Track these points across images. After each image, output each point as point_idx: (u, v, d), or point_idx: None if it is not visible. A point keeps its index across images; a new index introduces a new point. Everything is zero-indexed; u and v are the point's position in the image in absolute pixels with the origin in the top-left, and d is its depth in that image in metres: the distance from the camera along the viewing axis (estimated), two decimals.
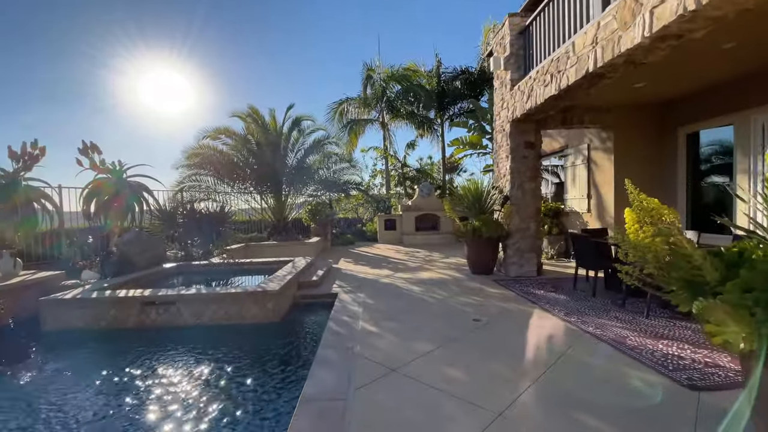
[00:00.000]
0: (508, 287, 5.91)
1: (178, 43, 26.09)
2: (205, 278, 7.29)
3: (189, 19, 31.04)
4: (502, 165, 7.05)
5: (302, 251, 10.34)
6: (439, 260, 9.12)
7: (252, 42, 40.24)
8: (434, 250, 11.29)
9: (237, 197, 11.43)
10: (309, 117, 11.33)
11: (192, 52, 34.01)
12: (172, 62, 27.46)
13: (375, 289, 6.07)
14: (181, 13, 29.76)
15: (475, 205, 6.97)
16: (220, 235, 8.76)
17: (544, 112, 6.05)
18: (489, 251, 6.87)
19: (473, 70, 17.69)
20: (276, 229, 11.13)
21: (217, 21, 34.24)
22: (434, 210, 14.13)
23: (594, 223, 7.98)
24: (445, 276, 6.98)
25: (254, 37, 41.82)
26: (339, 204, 16.05)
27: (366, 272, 7.68)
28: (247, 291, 4.88)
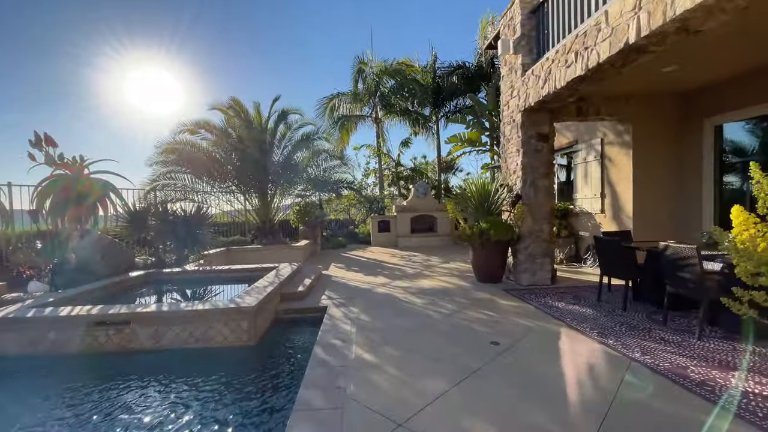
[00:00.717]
0: (523, 299, 5.19)
1: (167, 41, 25.04)
2: (177, 288, 6.44)
3: (177, 17, 29.97)
4: (512, 160, 6.34)
5: (289, 256, 9.52)
6: (439, 265, 8.38)
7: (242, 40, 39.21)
8: (432, 253, 10.56)
9: (218, 197, 10.56)
10: (296, 110, 10.53)
11: (180, 50, 32.89)
12: (159, 61, 26.35)
13: (370, 301, 5.29)
14: (170, 12, 28.67)
15: (482, 206, 6.25)
16: (197, 239, 7.89)
17: (562, 99, 5.36)
18: (498, 257, 6.15)
19: (470, 65, 17.07)
20: (261, 231, 10.29)
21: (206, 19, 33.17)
22: (430, 211, 13.43)
23: (609, 225, 7.33)
24: (448, 285, 6.24)
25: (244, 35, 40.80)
26: (330, 205, 15.23)
27: (359, 280, 6.90)
28: (218, 308, 4.06)
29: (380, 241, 13.43)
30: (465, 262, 8.62)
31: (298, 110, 10.57)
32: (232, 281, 6.81)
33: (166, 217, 7.94)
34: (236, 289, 6.45)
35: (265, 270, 6.89)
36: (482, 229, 5.98)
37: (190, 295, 5.99)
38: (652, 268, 4.52)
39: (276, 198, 10.84)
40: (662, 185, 6.70)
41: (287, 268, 6.66)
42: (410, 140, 18.57)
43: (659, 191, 6.70)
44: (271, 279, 5.56)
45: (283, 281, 5.62)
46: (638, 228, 6.67)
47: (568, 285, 5.98)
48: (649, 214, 6.69)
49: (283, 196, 11.37)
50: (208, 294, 6.02)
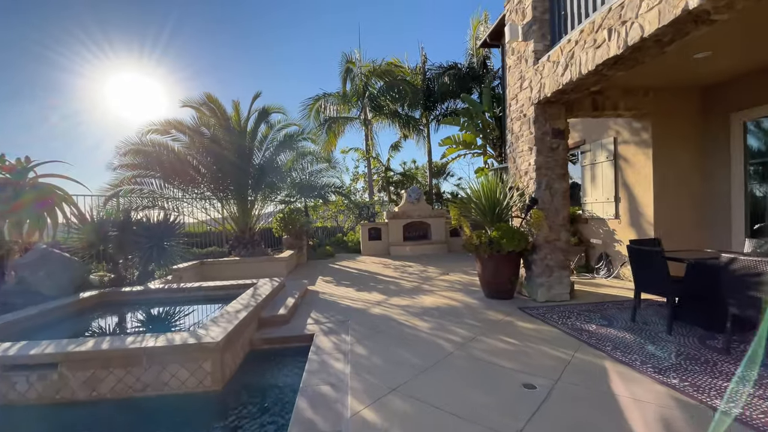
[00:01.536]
0: (544, 320, 4.46)
1: (149, 45, 23.90)
2: (134, 312, 5.50)
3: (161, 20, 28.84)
4: (524, 160, 5.66)
5: (270, 269, 8.62)
6: (438, 278, 7.62)
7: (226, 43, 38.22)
8: (427, 263, 9.80)
9: (192, 204, 9.59)
10: (279, 109, 9.69)
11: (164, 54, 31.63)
12: (136, 63, 25.10)
13: (365, 325, 4.47)
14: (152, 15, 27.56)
15: (491, 211, 5.53)
16: (164, 251, 6.94)
17: (585, 88, 4.70)
18: (509, 269, 5.43)
19: (461, 66, 16.57)
20: (239, 242, 9.36)
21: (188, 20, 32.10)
22: (424, 217, 12.71)
23: (625, 232, 6.71)
24: (453, 302, 5.48)
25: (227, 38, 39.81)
26: (316, 212, 14.37)
27: (351, 297, 6.07)
28: (173, 345, 3.20)
29: (371, 249, 12.63)
30: (466, 273, 7.89)
31: (280, 108, 9.75)
32: (203, 301, 5.91)
33: (128, 227, 6.98)
34: (207, 311, 5.55)
35: (241, 287, 6.01)
36: (492, 238, 5.25)
37: (148, 321, 5.06)
38: (701, 284, 3.85)
39: (257, 205, 9.94)
40: (686, 188, 6.12)
41: (267, 285, 5.79)
42: (400, 144, 17.93)
43: (683, 194, 6.12)
44: (246, 300, 4.69)
45: (261, 302, 4.76)
46: (658, 235, 6.05)
47: (589, 301, 5.29)
48: (671, 220, 6.09)
49: (264, 203, 10.47)
50: (171, 318, 5.11)
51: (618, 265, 6.82)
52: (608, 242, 7.12)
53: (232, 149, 9.38)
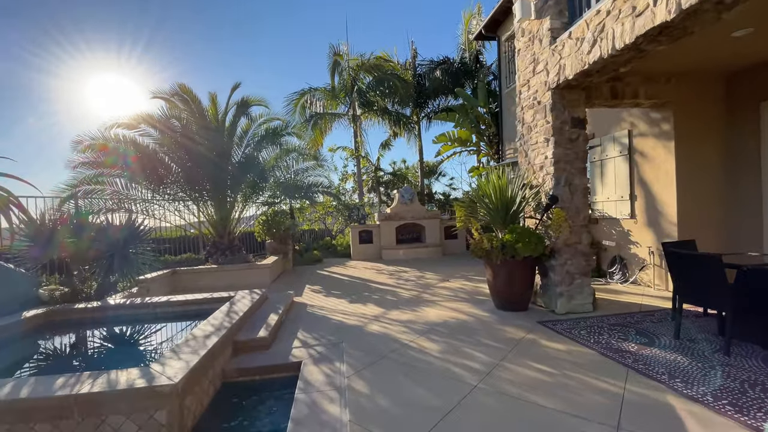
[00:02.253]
0: (573, 337, 3.84)
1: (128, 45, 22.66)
2: (84, 335, 4.67)
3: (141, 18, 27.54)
4: (538, 153, 5.05)
5: (253, 277, 7.84)
6: (439, 285, 6.97)
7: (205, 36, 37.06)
8: (423, 267, 9.15)
9: (164, 207, 8.70)
10: (260, 101, 8.89)
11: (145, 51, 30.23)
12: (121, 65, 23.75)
13: (363, 348, 3.77)
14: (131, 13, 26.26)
15: (505, 211, 4.90)
16: (128, 260, 6.10)
17: (613, 68, 4.11)
18: (525, 277, 4.81)
19: (453, 60, 16.04)
20: (217, 247, 8.53)
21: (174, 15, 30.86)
22: (418, 218, 12.07)
23: (642, 232, 6.19)
24: (461, 315, 4.82)
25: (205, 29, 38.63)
26: (302, 214, 13.57)
27: (343, 310, 5.36)
28: (116, 389, 2.44)
29: (362, 254, 11.91)
30: (468, 280, 7.26)
31: (262, 101, 8.95)
32: (171, 318, 5.12)
33: (85, 233, 6.12)
34: (174, 331, 4.77)
35: (215, 301, 5.24)
36: (505, 241, 4.62)
37: (97, 348, 4.25)
38: (760, 294, 3.28)
39: (237, 206, 9.11)
40: (713, 184, 5.62)
41: (246, 299, 5.03)
42: (391, 142, 17.28)
43: (709, 191, 5.62)
44: (219, 320, 3.93)
45: (238, 322, 4.00)
46: (682, 236, 5.53)
47: (614, 311, 4.71)
48: (696, 219, 5.58)
49: (246, 204, 9.64)
50: (127, 343, 4.30)
51: (635, 269, 6.29)
52: (622, 244, 6.59)
53: (209, 145, 8.54)
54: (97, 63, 23.80)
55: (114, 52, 25.53)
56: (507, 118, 11.10)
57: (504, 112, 11.23)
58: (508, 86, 10.63)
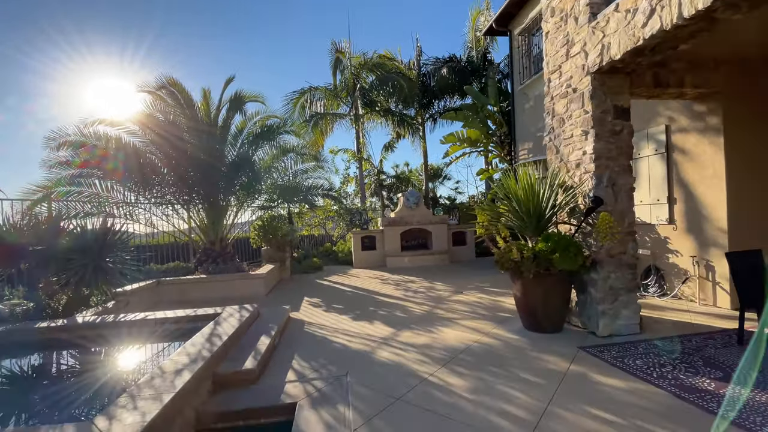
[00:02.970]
0: (628, 369, 3.14)
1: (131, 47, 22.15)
2: (38, 362, 3.98)
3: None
4: (573, 149, 4.38)
5: (246, 288, 7.15)
6: (452, 298, 6.27)
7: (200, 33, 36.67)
8: (432, 277, 8.45)
9: (149, 210, 8.01)
10: (256, 97, 8.26)
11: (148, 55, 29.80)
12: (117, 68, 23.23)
13: (373, 385, 3.07)
14: None
15: (537, 216, 4.22)
16: (105, 270, 5.42)
17: (673, 44, 3.45)
18: (561, 294, 4.12)
19: (459, 58, 15.46)
20: (208, 255, 7.84)
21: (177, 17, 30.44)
22: (424, 224, 11.38)
23: (682, 240, 5.51)
24: (486, 338, 4.13)
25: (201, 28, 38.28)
26: (302, 218, 12.89)
27: (346, 330, 4.67)
28: None
29: (364, 261, 11.21)
30: (484, 292, 6.57)
31: (258, 97, 8.32)
32: (146, 338, 4.42)
33: (55, 240, 5.46)
34: (147, 355, 4.07)
35: (199, 319, 4.56)
36: (538, 251, 3.94)
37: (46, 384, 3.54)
38: None
39: (230, 211, 8.45)
40: None
41: (234, 317, 4.34)
42: (394, 144, 16.66)
43: (764, 194, 4.94)
44: (198, 346, 3.24)
45: (220, 349, 3.31)
46: (734, 245, 4.85)
47: (665, 333, 4.01)
48: (750, 226, 4.90)
49: (240, 209, 8.98)
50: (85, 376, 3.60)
51: (674, 281, 5.60)
52: (658, 253, 5.91)
53: (200, 144, 7.90)
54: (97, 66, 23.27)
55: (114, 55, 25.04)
56: (520, 116, 10.46)
57: (516, 111, 10.59)
58: (522, 82, 10.00)
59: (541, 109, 9.46)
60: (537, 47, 9.64)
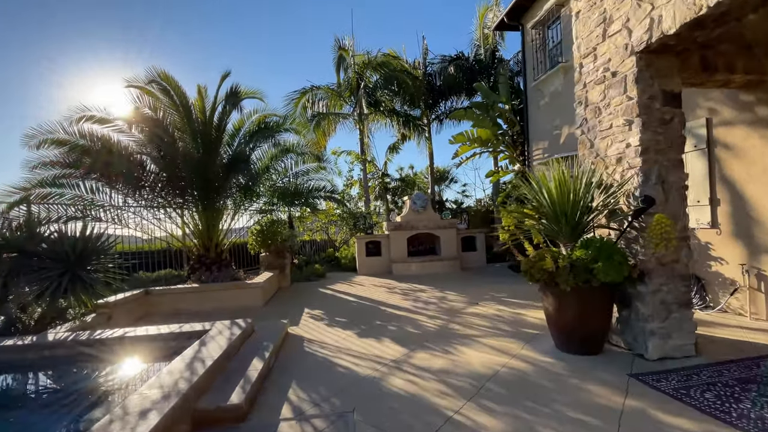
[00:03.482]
0: (696, 404, 2.57)
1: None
2: None
3: None
4: (613, 141, 3.84)
5: (242, 298, 6.62)
6: (468, 310, 5.71)
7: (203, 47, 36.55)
8: (442, 285, 7.89)
9: (139, 214, 7.51)
10: (254, 93, 7.76)
11: None
12: None
13: (385, 427, 2.52)
14: None
15: (573, 218, 3.67)
16: (81, 280, 4.91)
17: (735, 17, 2.93)
18: (604, 309, 3.56)
19: (467, 56, 14.99)
20: (202, 262, 7.33)
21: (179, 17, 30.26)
22: (432, 228, 10.84)
23: (728, 246, 4.93)
24: (515, 361, 3.56)
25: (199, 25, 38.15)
26: (303, 223, 12.37)
27: (351, 350, 4.11)
28: None
29: (369, 268, 10.66)
30: (502, 303, 5.99)
31: (256, 93, 7.83)
32: (123, 360, 3.90)
33: (29, 247, 4.96)
34: (121, 378, 3.53)
35: (184, 336, 4.02)
36: (575, 260, 3.39)
37: None
38: None
39: (226, 215, 7.95)
40: None
41: (224, 334, 3.80)
42: (399, 145, 16.15)
43: None
44: (173, 378, 2.70)
45: (201, 378, 2.77)
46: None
47: (726, 356, 3.43)
48: None
49: (237, 212, 8.48)
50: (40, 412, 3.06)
51: (720, 293, 5.02)
52: (700, 260, 5.33)
53: (194, 143, 7.43)
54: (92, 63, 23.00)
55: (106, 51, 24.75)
56: (533, 114, 9.93)
57: (530, 109, 10.07)
58: (536, 78, 9.48)
59: (557, 106, 8.95)
60: (553, 40, 9.13)
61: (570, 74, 8.39)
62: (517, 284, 7.76)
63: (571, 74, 8.43)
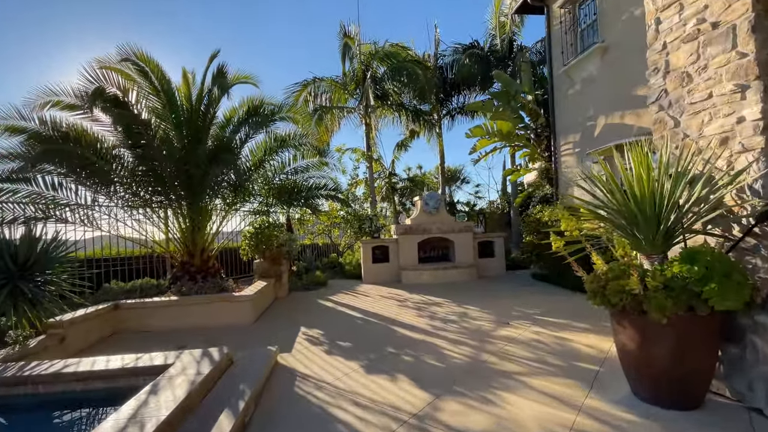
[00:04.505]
0: None
1: None
2: None
3: None
4: (715, 115, 2.87)
5: (227, 314, 5.72)
6: (498, 332, 4.74)
7: None
8: (460, 297, 6.92)
9: (111, 214, 6.64)
10: (248, 78, 6.88)
11: None
12: None
13: None
14: None
15: (657, 221, 2.70)
16: (23, 294, 4.02)
17: None
18: (707, 347, 2.59)
19: (482, 45, 14.07)
20: (186, 270, 6.44)
21: None
22: (446, 231, 9.87)
23: None
24: (583, 418, 2.60)
25: None
26: (303, 226, 11.47)
27: (358, 395, 3.16)
28: None
29: (376, 275, 9.71)
30: (537, 323, 5.01)
31: (249, 77, 6.93)
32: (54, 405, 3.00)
33: None
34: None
35: (140, 373, 3.10)
36: (673, 279, 2.42)
37: None
38: None
39: (215, 215, 7.06)
40: None
41: (189, 371, 2.87)
42: (408, 142, 15.23)
43: None
44: None
45: None
46: None
47: None
48: None
49: (228, 214, 7.59)
50: None
51: None
52: None
53: (178, 134, 6.57)
54: None
55: None
56: (561, 104, 8.96)
57: (556, 98, 9.10)
58: (565, 62, 8.51)
59: (590, 95, 7.96)
60: (585, 20, 8.17)
61: (608, 56, 7.44)
62: (547, 296, 6.79)
63: (609, 56, 7.46)
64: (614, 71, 7.28)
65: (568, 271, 7.14)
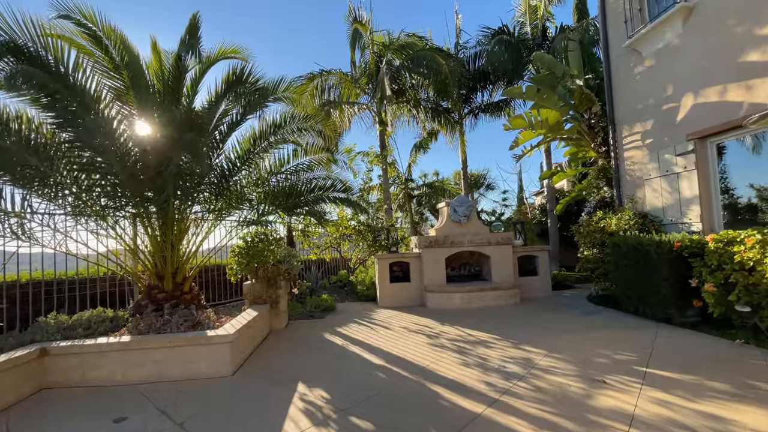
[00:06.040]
0: None
1: None
2: None
3: None
4: None
5: (198, 361, 4.20)
6: (595, 400, 3.12)
7: None
8: (509, 330, 5.30)
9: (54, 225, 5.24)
10: (236, 52, 5.47)
11: None
12: None
13: None
14: None
15: None
16: None
17: None
18: None
19: (512, 30, 12.65)
20: (152, 298, 4.99)
21: None
22: (479, 244, 8.28)
23: None
24: None
25: None
26: (308, 238, 9.95)
27: None
28: None
29: (395, 298, 8.13)
30: (651, 382, 3.36)
31: (238, 51, 5.54)
32: None
33: None
34: None
35: None
36: None
37: None
38: None
39: (189, 226, 5.62)
40: None
41: None
42: (427, 143, 13.75)
43: None
44: None
45: None
46: None
47: None
48: None
49: (214, 223, 6.15)
50: None
51: None
52: None
53: (146, 123, 5.18)
54: None
55: None
56: (623, 87, 7.37)
57: (615, 82, 7.53)
58: (631, 33, 6.95)
59: (669, 69, 6.25)
60: None
61: (695, 17, 5.90)
62: (627, 329, 5.16)
63: (696, 17, 5.90)
64: (705, 36, 5.73)
65: (651, 294, 5.47)
